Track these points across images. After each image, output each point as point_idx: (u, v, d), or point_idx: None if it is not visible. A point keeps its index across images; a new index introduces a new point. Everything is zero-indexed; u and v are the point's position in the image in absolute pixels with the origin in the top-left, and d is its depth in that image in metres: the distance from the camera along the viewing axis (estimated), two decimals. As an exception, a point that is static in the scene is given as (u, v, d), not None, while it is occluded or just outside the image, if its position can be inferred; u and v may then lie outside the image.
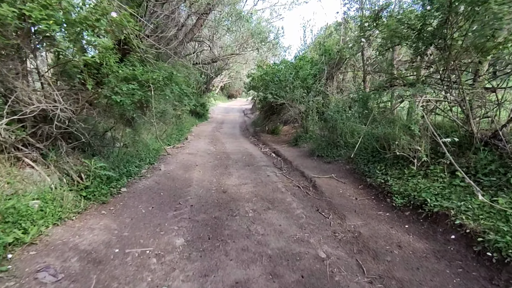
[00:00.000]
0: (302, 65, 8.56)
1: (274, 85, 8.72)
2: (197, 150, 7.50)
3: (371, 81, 8.12)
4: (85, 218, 3.20)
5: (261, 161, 6.71)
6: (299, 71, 8.37)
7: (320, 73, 9.22)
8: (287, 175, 5.56)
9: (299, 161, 6.49)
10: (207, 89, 17.00)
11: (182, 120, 11.33)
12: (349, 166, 5.57)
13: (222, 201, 4.05)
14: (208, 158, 6.72)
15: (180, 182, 4.79)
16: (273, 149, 8.15)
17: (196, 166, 5.83)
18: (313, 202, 4.10)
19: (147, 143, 7.00)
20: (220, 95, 31.93)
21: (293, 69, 8.61)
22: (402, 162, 4.42)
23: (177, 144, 8.31)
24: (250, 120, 16.33)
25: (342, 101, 6.95)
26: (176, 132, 9.28)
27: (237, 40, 14.28)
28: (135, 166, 5.24)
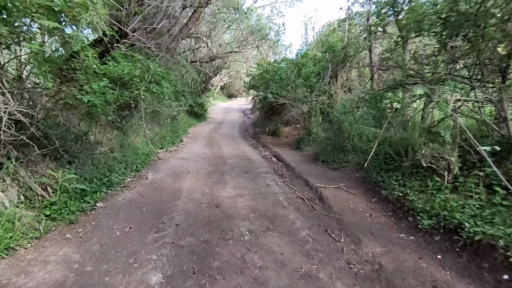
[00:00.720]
0: (305, 63, 7.93)
1: (275, 84, 8.10)
2: (192, 154, 6.88)
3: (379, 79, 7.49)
4: (43, 246, 2.59)
5: (261, 166, 6.08)
6: (301, 68, 7.74)
7: (323, 71, 8.58)
8: (290, 183, 4.93)
9: (302, 167, 5.87)
10: (206, 89, 16.38)
11: (178, 121, 10.73)
12: (358, 174, 4.95)
13: (214, 218, 3.43)
14: (202, 163, 6.10)
15: (167, 193, 4.17)
16: (274, 153, 7.53)
17: (188, 174, 5.21)
18: (320, 219, 3.48)
19: (137, 147, 6.40)
20: (220, 95, 31.30)
21: (295, 67, 7.98)
22: (422, 172, 3.79)
23: (171, 147, 7.70)
24: (250, 121, 15.70)
25: (349, 101, 6.31)
26: (170, 134, 8.67)
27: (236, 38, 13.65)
28: (119, 175, 4.63)
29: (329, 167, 5.66)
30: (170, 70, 7.86)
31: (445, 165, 3.18)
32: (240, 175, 5.30)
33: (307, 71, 7.61)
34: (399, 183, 3.87)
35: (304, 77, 7.61)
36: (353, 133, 5.81)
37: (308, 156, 6.73)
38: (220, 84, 27.41)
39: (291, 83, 7.58)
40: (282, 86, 7.81)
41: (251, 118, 16.50)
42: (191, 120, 13.96)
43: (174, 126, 9.69)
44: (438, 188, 3.35)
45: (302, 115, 7.55)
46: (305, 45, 16.05)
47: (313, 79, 7.69)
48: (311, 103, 7.40)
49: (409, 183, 3.74)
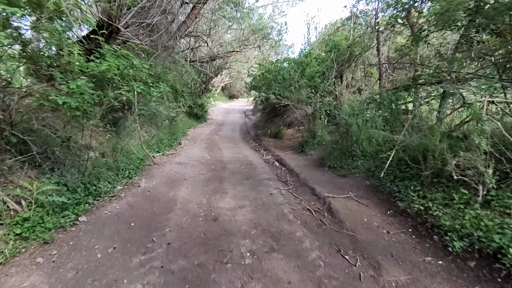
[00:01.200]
0: (309, 62, 7.52)
1: (278, 84, 7.69)
2: (190, 158, 6.47)
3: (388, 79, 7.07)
4: (7, 273, 2.18)
5: (263, 172, 5.67)
6: (305, 68, 7.33)
7: (328, 71, 8.16)
8: (295, 192, 4.52)
9: (308, 172, 5.45)
10: (206, 89, 15.98)
11: (177, 122, 10.33)
12: (369, 182, 4.52)
13: (211, 235, 3.02)
14: (200, 168, 5.69)
15: (160, 204, 3.76)
16: (277, 157, 7.11)
17: (185, 181, 4.80)
18: (331, 236, 3.06)
19: (131, 151, 5.99)
20: (221, 96, 30.94)
21: (299, 66, 7.57)
22: (445, 182, 3.37)
23: (168, 150, 7.29)
24: (251, 122, 15.30)
25: (358, 103, 5.89)
26: (168, 137, 8.26)
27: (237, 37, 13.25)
28: (108, 182, 4.23)
29: (336, 174, 5.24)
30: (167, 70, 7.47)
31: (477, 176, 2.75)
32: (240, 183, 4.89)
33: (312, 71, 7.20)
34: (418, 195, 3.45)
35: (308, 77, 7.21)
36: (362, 137, 5.39)
37: (313, 161, 6.31)
38: (221, 85, 27.04)
39: (294, 83, 7.17)
40: (285, 87, 7.40)
41: (252, 119, 16.10)
42: (191, 121, 13.57)
43: (172, 128, 9.29)
44: (466, 202, 2.93)
45: (306, 117, 7.14)
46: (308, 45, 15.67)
47: (317, 79, 7.27)
48: (316, 104, 6.98)
49: (430, 195, 3.32)
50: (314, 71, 7.16)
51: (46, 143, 3.67)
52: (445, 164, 3.46)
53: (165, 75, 6.83)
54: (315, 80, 7.23)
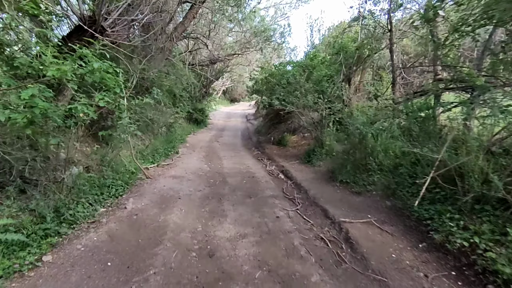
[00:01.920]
0: (316, 65, 6.94)
1: (282, 88, 7.10)
2: (186, 171, 5.88)
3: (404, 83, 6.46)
4: None
5: (267, 187, 5.06)
6: (312, 71, 6.74)
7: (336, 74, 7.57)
8: (304, 213, 3.91)
9: (317, 188, 4.84)
10: (207, 93, 15.43)
11: (175, 128, 9.75)
12: (390, 203, 3.90)
13: (205, 279, 2.41)
14: (197, 183, 5.08)
15: (147, 233, 3.16)
16: (281, 168, 6.50)
17: (179, 200, 4.20)
18: (355, 282, 2.44)
19: (122, 164, 5.41)
20: (223, 99, 30.44)
21: (305, 69, 6.98)
22: (491, 210, 2.75)
23: (164, 160, 6.70)
24: (253, 127, 14.70)
25: (373, 110, 5.29)
26: (165, 145, 7.68)
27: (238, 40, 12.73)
28: (89, 204, 3.64)
29: (350, 190, 4.62)
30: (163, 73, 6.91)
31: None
32: (242, 202, 4.28)
33: (319, 75, 6.60)
34: (457, 224, 2.82)
35: (315, 81, 6.61)
36: (378, 148, 4.77)
37: (322, 174, 5.69)
38: (222, 89, 26.54)
39: (300, 88, 6.58)
40: (289, 92, 6.81)
41: (254, 124, 15.50)
42: (190, 126, 13.00)
43: (170, 135, 8.71)
44: (525, 240, 2.31)
45: (313, 124, 6.53)
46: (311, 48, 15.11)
47: (325, 84, 6.68)
48: (324, 110, 6.38)
49: (473, 226, 2.69)
50: (321, 75, 6.57)
51: (19, 159, 3.10)
52: (489, 187, 2.86)
53: (160, 79, 6.27)
54: (323, 84, 6.64)
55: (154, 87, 5.23)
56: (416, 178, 3.89)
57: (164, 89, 7.26)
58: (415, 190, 3.69)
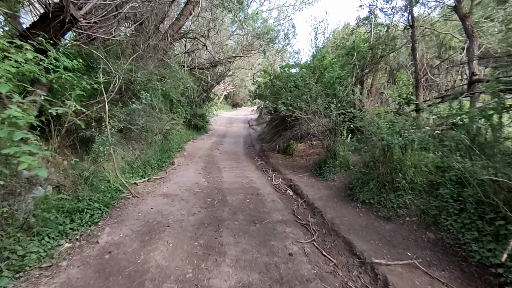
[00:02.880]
0: (327, 66, 6.15)
1: (289, 92, 6.30)
2: (180, 186, 5.06)
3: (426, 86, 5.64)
4: None
5: (275, 208, 4.23)
6: (323, 73, 5.94)
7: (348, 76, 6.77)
8: (323, 247, 3.08)
9: (335, 210, 4.00)
10: (207, 98, 14.68)
11: (173, 136, 8.96)
12: (433, 235, 3.05)
13: None
14: (192, 204, 4.26)
15: (119, 284, 2.33)
16: (289, 181, 5.67)
17: (167, 228, 3.37)
18: None
19: (106, 178, 4.62)
20: (224, 104, 29.75)
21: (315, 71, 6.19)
22: None
23: (157, 173, 5.90)
24: (255, 133, 13.90)
25: (401, 118, 4.47)
26: (159, 155, 6.87)
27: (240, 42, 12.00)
28: (51, 239, 2.83)
29: (375, 214, 3.78)
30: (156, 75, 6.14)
31: None
32: (245, 230, 3.45)
33: (331, 77, 5.80)
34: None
35: (327, 84, 5.81)
36: (407, 163, 3.94)
37: (337, 190, 4.85)
38: (224, 93, 25.86)
39: (309, 91, 5.78)
40: (297, 96, 6.02)
41: (257, 130, 14.70)
42: (190, 132, 12.22)
43: (165, 144, 7.92)
44: None
45: (324, 132, 5.71)
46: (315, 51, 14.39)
47: (338, 87, 5.87)
48: (338, 117, 5.57)
49: None
50: (334, 76, 5.76)
51: None
52: None
53: (152, 82, 5.50)
54: (335, 87, 5.83)
55: (142, 91, 4.44)
56: (463, 202, 3.07)
57: (158, 94, 6.49)
58: (467, 220, 2.85)
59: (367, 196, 4.08)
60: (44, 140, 4.35)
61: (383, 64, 7.63)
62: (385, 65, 8.17)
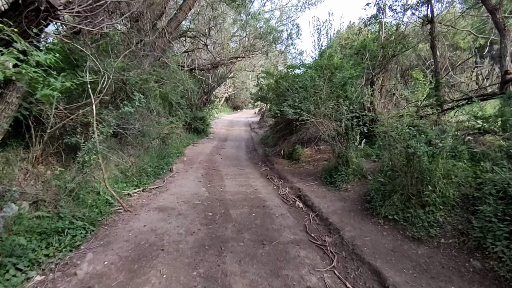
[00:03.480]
0: (338, 65, 5.64)
1: (295, 94, 5.79)
2: (178, 198, 4.55)
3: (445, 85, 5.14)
4: None
5: (285, 225, 3.71)
6: (333, 72, 5.43)
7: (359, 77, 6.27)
8: (347, 278, 2.56)
9: (354, 228, 3.48)
10: (208, 101, 14.18)
11: (172, 140, 8.45)
12: (480, 264, 2.53)
13: None
14: (191, 219, 3.74)
15: None
16: (297, 191, 5.16)
17: (160, 253, 2.85)
18: None
19: (96, 189, 4.11)
20: (225, 107, 29.28)
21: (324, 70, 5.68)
22: None
23: (153, 182, 5.39)
24: (258, 137, 13.40)
25: (429, 123, 3.96)
26: (156, 162, 6.36)
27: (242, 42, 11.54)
28: (18, 270, 2.31)
29: (401, 233, 3.26)
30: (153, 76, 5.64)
31: None
32: (252, 254, 2.93)
33: (343, 76, 5.29)
34: None
35: (338, 84, 5.30)
36: (437, 173, 3.42)
37: (352, 202, 4.33)
38: (224, 96, 25.41)
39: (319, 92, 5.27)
40: (305, 97, 5.51)
41: (259, 134, 14.20)
42: (190, 136, 11.72)
43: (163, 149, 7.41)
44: None
45: (336, 137, 5.19)
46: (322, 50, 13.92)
47: (349, 87, 5.37)
48: (351, 120, 5.06)
49: None
50: (346, 76, 5.25)
51: None
52: None
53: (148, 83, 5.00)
54: (346, 88, 5.33)
55: (136, 93, 3.94)
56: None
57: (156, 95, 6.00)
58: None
59: (390, 211, 3.55)
60: (23, 147, 3.87)
61: (393, 64, 7.13)
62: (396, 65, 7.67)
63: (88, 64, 3.35)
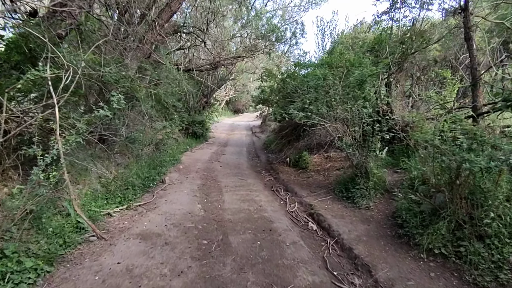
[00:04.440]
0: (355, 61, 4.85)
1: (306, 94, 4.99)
2: (167, 219, 3.74)
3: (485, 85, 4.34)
4: None
5: (298, 259, 2.88)
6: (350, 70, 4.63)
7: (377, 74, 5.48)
8: None
9: (389, 265, 2.66)
10: (208, 104, 13.41)
11: (167, 146, 7.66)
12: None
13: None
14: (179, 253, 2.93)
15: None
16: (308, 208, 4.34)
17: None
18: None
19: (65, 211, 3.32)
20: (226, 110, 28.54)
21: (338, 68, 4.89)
22: None
23: (141, 197, 4.58)
24: (260, 141, 12.61)
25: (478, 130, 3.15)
26: (146, 172, 5.55)
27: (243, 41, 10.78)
28: None
29: (457, 276, 2.43)
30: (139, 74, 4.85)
31: None
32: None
33: (362, 74, 4.48)
34: None
35: (355, 83, 4.50)
36: (499, 196, 2.60)
37: (379, 225, 3.52)
38: (225, 99, 24.66)
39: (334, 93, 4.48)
40: (317, 98, 4.72)
41: (261, 138, 13.42)
42: (188, 141, 10.93)
43: (157, 157, 6.60)
44: None
45: (353, 145, 4.38)
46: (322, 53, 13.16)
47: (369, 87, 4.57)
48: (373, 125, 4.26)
49: None
50: (366, 74, 4.44)
51: None
52: None
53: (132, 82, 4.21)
54: (364, 88, 4.52)
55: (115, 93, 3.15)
56: None
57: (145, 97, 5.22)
58: None
59: (436, 243, 2.73)
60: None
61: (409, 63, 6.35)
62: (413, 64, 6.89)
63: (46, 55, 2.57)
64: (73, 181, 4.12)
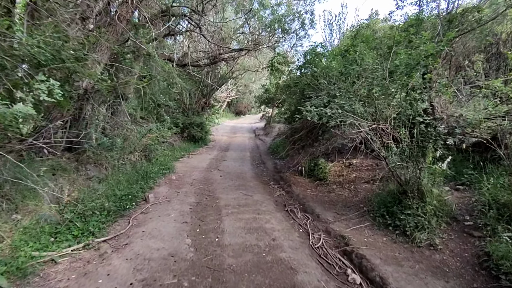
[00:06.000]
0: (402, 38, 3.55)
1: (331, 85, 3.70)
2: (138, 269, 2.47)
3: None
4: None
5: None
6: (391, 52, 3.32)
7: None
8: None
9: None
10: (208, 105, 12.17)
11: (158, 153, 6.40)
12: None
13: None
14: None
15: None
16: (340, 241, 3.06)
17: None
18: None
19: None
20: (227, 112, 27.31)
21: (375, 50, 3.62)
22: None
23: (110, 227, 3.31)
24: (264, 145, 11.34)
25: None
26: (126, 188, 4.29)
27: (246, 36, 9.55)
28: None
29: None
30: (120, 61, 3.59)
31: None
32: None
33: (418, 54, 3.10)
34: None
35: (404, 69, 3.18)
36: None
37: (463, 279, 2.22)
38: (226, 100, 23.43)
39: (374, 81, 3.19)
40: (348, 91, 3.42)
41: (265, 141, 12.14)
42: (185, 145, 9.68)
43: (141, 168, 5.34)
44: None
45: (402, 155, 3.10)
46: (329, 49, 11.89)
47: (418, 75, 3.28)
48: (427, 128, 2.97)
49: None
50: (422, 55, 3.11)
51: None
52: None
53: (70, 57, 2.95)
54: (413, 76, 3.22)
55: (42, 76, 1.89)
56: None
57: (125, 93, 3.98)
58: None
59: None
60: None
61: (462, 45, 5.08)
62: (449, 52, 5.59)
63: None
64: (9, 210, 2.88)
